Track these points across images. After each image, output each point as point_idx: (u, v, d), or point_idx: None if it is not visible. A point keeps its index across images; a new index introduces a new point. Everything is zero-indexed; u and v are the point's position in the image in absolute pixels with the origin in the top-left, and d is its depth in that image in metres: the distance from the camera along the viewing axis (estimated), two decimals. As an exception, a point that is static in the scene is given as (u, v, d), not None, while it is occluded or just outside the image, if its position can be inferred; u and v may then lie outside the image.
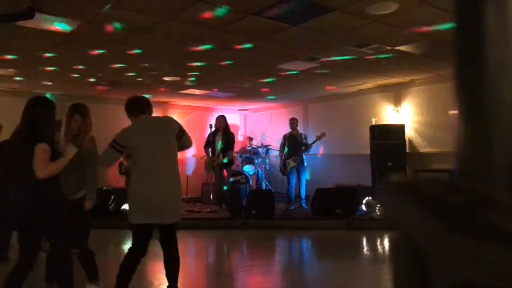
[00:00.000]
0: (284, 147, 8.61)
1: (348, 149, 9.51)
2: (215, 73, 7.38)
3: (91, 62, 6.59)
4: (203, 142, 8.75)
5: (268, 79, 7.95)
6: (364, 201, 7.47)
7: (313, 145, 8.56)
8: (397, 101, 8.77)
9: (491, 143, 0.56)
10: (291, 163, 8.42)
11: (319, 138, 8.40)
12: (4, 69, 7.06)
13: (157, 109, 7.91)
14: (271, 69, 7.11)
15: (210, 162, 8.28)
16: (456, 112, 0.59)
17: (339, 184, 8.87)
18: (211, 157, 8.26)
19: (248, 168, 9.99)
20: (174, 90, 9.07)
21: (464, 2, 0.60)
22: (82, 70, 7.12)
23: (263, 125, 12.00)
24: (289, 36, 5.24)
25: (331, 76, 7.76)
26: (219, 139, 8.26)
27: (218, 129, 8.33)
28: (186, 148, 3.66)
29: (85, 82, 8.12)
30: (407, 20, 4.73)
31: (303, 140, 8.53)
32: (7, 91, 8.76)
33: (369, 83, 8.62)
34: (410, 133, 8.47)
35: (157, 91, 8.99)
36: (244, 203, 7.82)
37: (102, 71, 7.21)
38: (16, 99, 8.60)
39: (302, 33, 5.14)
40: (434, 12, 4.42)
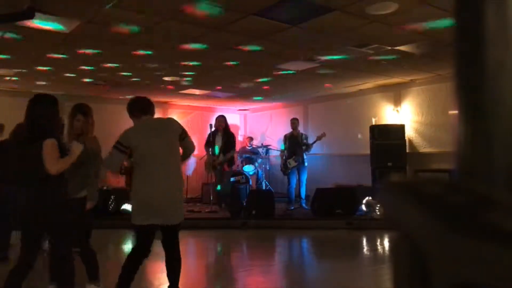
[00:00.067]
0: (285, 147, 8.62)
1: (348, 149, 9.51)
2: (215, 73, 7.37)
3: (91, 62, 6.59)
4: (203, 142, 8.74)
5: (264, 79, 7.92)
6: (364, 201, 7.47)
7: (313, 145, 8.57)
8: (397, 101, 8.76)
9: (491, 143, 0.56)
10: (292, 163, 8.42)
11: (320, 139, 8.40)
12: (4, 69, 7.05)
13: (157, 109, 7.82)
14: (271, 69, 7.10)
15: (210, 162, 8.28)
16: (456, 112, 0.59)
17: (339, 184, 8.88)
18: (211, 157, 8.25)
19: (248, 168, 10.00)
20: (174, 90, 9.06)
21: (464, 2, 0.60)
22: (81, 70, 7.12)
23: (263, 125, 12.00)
24: (289, 36, 5.24)
25: (331, 76, 7.76)
26: (219, 139, 8.26)
27: (218, 129, 8.32)
28: (190, 152, 3.59)
29: (84, 83, 8.12)
30: (407, 20, 4.73)
31: (304, 140, 8.53)
32: (7, 91, 8.77)
33: (369, 83, 8.62)
34: (410, 133, 8.47)
35: (159, 91, 8.98)
36: (244, 203, 7.82)
37: (101, 71, 7.20)
38: (16, 99, 8.61)
39: (302, 33, 5.14)
40: (434, 12, 4.42)
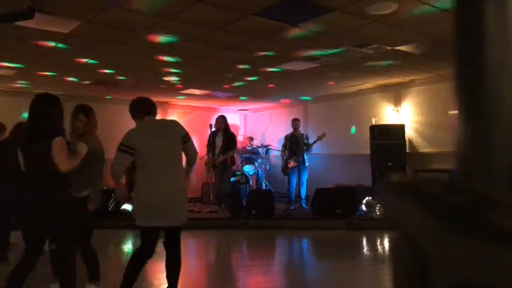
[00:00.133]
0: (286, 148, 8.62)
1: (348, 149, 9.51)
2: (211, 73, 7.38)
3: (89, 64, 6.59)
4: (203, 142, 8.75)
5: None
6: (364, 201, 7.47)
7: (314, 145, 8.57)
8: (397, 101, 8.76)
9: (491, 143, 0.56)
10: (293, 163, 8.42)
11: (320, 139, 8.40)
12: (4, 69, 7.05)
13: (157, 109, 7.87)
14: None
15: (211, 162, 8.27)
16: (456, 112, 0.59)
17: (339, 184, 8.88)
18: (212, 157, 8.25)
19: (248, 168, 10.00)
20: (174, 90, 9.06)
21: (464, 2, 0.60)
22: (80, 71, 7.12)
23: (263, 125, 12.00)
24: (289, 36, 5.24)
25: (331, 76, 7.76)
26: (219, 140, 8.26)
27: (218, 130, 8.33)
28: (193, 158, 3.50)
29: (84, 83, 8.12)
30: (407, 20, 4.73)
31: (305, 140, 8.53)
32: (7, 91, 8.76)
33: (369, 83, 8.61)
34: (410, 133, 8.47)
35: (158, 91, 8.98)
36: (244, 203, 7.82)
37: (99, 72, 7.21)
38: (16, 99, 8.63)
39: (302, 33, 5.14)
40: (434, 12, 4.42)
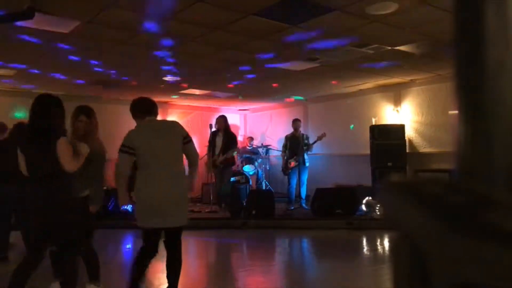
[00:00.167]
0: (286, 148, 8.62)
1: (348, 149, 9.51)
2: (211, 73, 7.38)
3: (89, 64, 6.59)
4: (203, 142, 8.75)
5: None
6: (364, 201, 7.47)
7: (314, 145, 8.57)
8: (397, 101, 8.76)
9: (491, 143, 0.56)
10: (293, 163, 8.43)
11: (320, 139, 8.40)
12: (4, 69, 7.05)
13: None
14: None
15: (211, 162, 8.27)
16: (456, 112, 0.59)
17: (339, 184, 8.87)
18: (212, 157, 8.24)
19: (248, 168, 10.00)
20: (174, 90, 9.06)
21: (464, 2, 0.60)
22: (80, 70, 7.12)
23: (263, 125, 12.00)
24: (289, 36, 5.24)
25: (331, 76, 7.75)
26: (220, 140, 8.27)
27: (219, 130, 8.33)
28: (194, 159, 3.46)
29: (84, 83, 8.12)
30: (407, 20, 4.73)
31: (305, 141, 8.53)
32: (7, 91, 8.76)
33: (369, 83, 8.61)
34: (410, 133, 8.47)
35: (158, 91, 8.98)
36: (244, 203, 7.82)
37: (99, 72, 7.21)
38: (16, 99, 8.63)
39: (302, 33, 5.14)
40: (434, 12, 4.42)
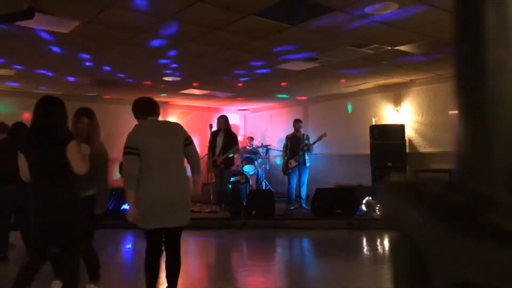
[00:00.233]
0: (287, 148, 8.62)
1: (348, 149, 9.51)
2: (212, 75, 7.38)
3: (89, 64, 6.59)
4: (203, 142, 8.75)
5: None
6: (364, 201, 7.47)
7: (314, 145, 8.57)
8: (397, 101, 8.76)
9: (491, 143, 0.56)
10: (293, 163, 8.43)
11: (320, 139, 8.41)
12: (4, 69, 7.05)
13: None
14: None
15: (211, 162, 8.27)
16: (456, 112, 0.59)
17: (339, 184, 8.87)
18: (212, 157, 8.24)
19: (248, 168, 9.99)
20: (174, 90, 9.06)
21: (464, 2, 0.60)
22: (80, 70, 7.12)
23: (263, 125, 12.00)
24: (289, 36, 5.24)
25: (331, 76, 7.75)
26: (220, 140, 8.27)
27: (219, 130, 8.33)
28: (195, 161, 3.45)
29: (83, 84, 8.12)
30: (407, 20, 4.73)
31: (305, 141, 8.53)
32: (7, 91, 8.76)
33: (369, 83, 8.61)
34: (410, 133, 8.47)
35: (158, 91, 8.98)
36: (244, 203, 7.82)
37: (99, 72, 7.21)
38: (16, 99, 8.64)
39: (302, 33, 5.14)
40: (434, 12, 4.42)
